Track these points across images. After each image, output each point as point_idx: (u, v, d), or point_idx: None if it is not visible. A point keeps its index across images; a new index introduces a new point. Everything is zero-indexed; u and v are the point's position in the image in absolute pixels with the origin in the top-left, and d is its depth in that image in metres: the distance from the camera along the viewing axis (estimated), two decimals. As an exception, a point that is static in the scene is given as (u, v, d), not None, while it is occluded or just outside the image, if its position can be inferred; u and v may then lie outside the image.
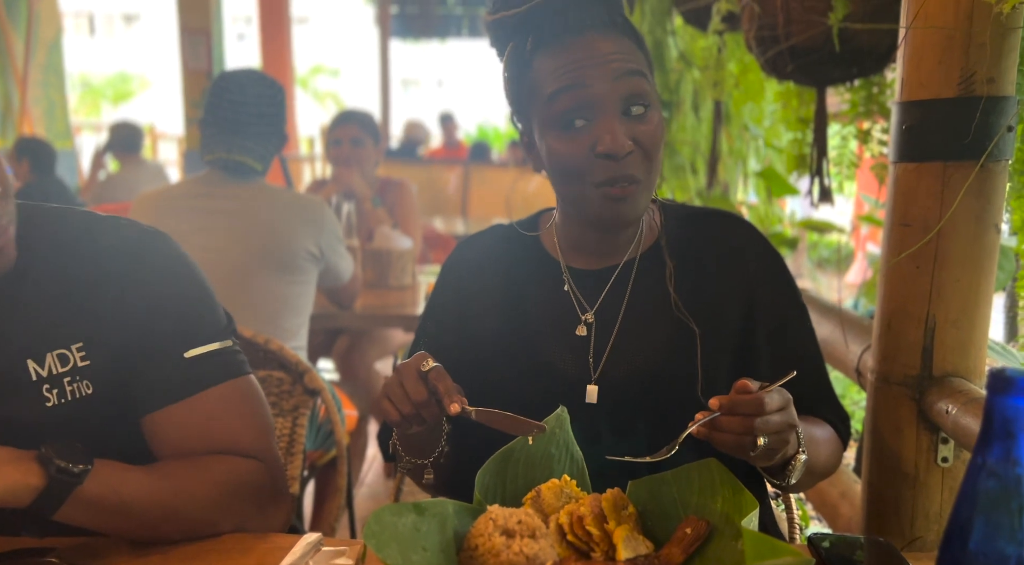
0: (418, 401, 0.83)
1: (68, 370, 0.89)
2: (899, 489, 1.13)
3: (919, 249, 1.09)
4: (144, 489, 0.84)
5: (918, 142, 1.08)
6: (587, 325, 1.01)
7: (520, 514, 0.81)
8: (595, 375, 1.00)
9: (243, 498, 0.92)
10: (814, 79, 1.66)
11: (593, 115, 0.92)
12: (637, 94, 0.92)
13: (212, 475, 0.90)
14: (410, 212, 2.93)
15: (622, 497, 0.87)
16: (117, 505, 0.82)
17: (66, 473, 0.77)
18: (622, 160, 0.91)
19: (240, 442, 0.94)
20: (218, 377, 0.94)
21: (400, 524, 0.77)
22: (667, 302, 1.00)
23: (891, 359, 1.13)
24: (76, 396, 0.89)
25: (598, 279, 1.03)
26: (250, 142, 1.87)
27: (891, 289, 1.13)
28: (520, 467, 0.91)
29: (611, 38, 0.93)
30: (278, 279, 1.85)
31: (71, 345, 0.89)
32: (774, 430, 0.78)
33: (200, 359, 0.93)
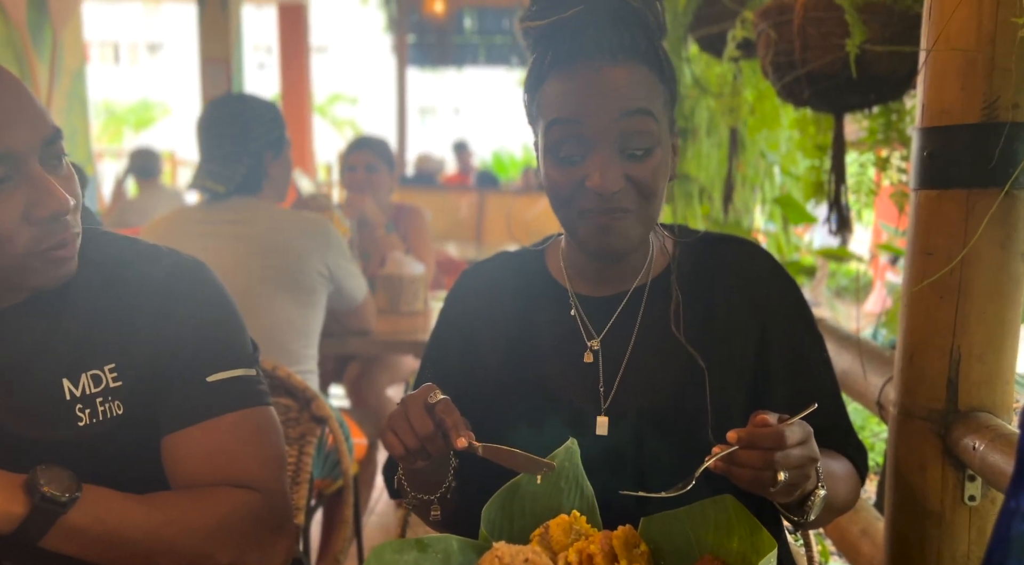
0: (424, 435, 0.80)
1: (101, 390, 0.90)
2: (924, 528, 1.09)
3: (942, 279, 1.06)
4: (135, 519, 0.82)
5: (940, 169, 1.05)
6: (594, 352, 0.98)
7: (527, 552, 0.78)
8: (604, 405, 0.97)
9: (241, 530, 0.89)
10: (831, 106, 1.64)
11: (588, 151, 0.90)
12: (638, 134, 0.89)
13: (208, 506, 0.88)
14: (423, 238, 2.92)
15: (634, 535, 0.83)
16: (104, 534, 0.79)
17: (51, 502, 0.75)
18: (612, 196, 0.89)
19: (247, 472, 0.92)
20: (235, 404, 0.93)
21: (402, 561, 0.74)
22: (679, 333, 0.97)
23: (914, 392, 1.09)
24: (107, 416, 0.90)
25: (606, 306, 1.01)
26: (214, 165, 1.88)
27: (913, 320, 1.10)
28: (528, 502, 0.88)
29: (626, 67, 0.90)
30: (285, 301, 1.83)
31: (104, 366, 0.90)
32: (795, 464, 0.75)
33: (221, 384, 0.93)
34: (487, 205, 6.45)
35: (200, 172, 1.92)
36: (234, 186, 1.87)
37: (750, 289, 1.00)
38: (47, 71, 5.65)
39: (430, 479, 0.91)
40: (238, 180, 1.87)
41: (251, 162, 1.90)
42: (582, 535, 0.83)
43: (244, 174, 1.88)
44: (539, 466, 0.81)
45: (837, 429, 1.00)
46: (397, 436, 0.81)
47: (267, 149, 1.93)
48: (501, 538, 0.84)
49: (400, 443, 0.81)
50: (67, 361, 0.89)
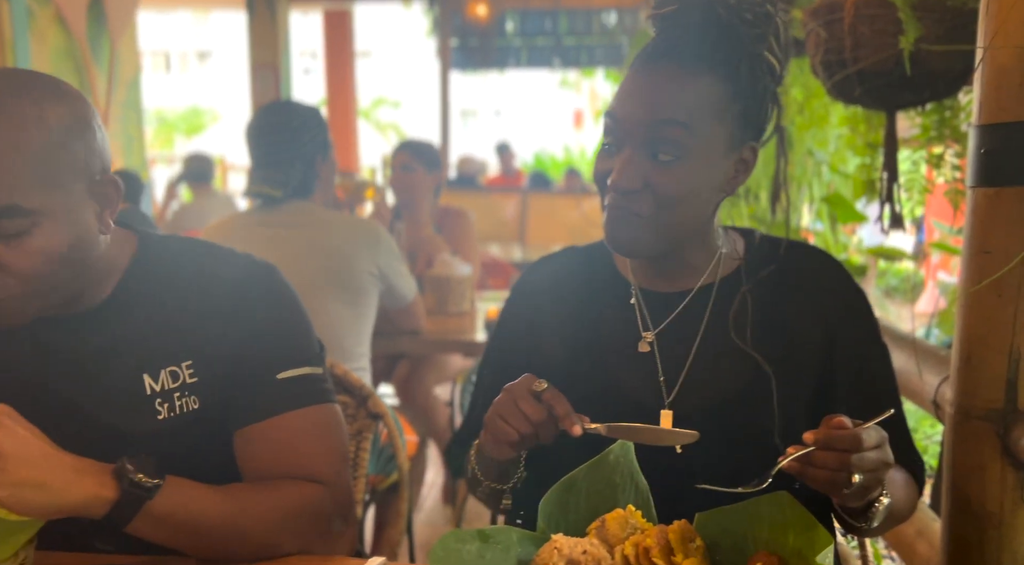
0: (537, 421, 0.84)
1: (178, 386, 0.95)
2: (982, 529, 1.07)
3: (1001, 278, 1.04)
4: (212, 507, 0.86)
5: (998, 166, 1.04)
6: (649, 343, 1.00)
7: (585, 544, 0.80)
8: (668, 399, 0.98)
9: (308, 522, 0.93)
10: (884, 103, 1.62)
11: (619, 146, 0.93)
12: (667, 141, 0.90)
13: (279, 498, 0.92)
14: (469, 240, 2.96)
15: (690, 529, 0.85)
16: (186, 521, 0.84)
17: (139, 487, 0.80)
18: (626, 195, 0.91)
19: (313, 465, 0.96)
20: (304, 400, 0.97)
21: (465, 551, 0.77)
22: (744, 335, 0.98)
23: (972, 393, 1.08)
24: (184, 410, 0.95)
25: (667, 301, 1.02)
26: (270, 171, 1.95)
27: (971, 320, 1.09)
28: (583, 496, 0.90)
29: (686, 74, 0.90)
30: (340, 301, 1.89)
31: (182, 363, 0.95)
32: (870, 468, 0.76)
33: (290, 381, 0.97)
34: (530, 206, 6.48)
35: (255, 178, 1.98)
36: (290, 190, 1.94)
37: (818, 297, 1.00)
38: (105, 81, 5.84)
39: (505, 470, 0.93)
40: (294, 184, 1.94)
41: (303, 166, 1.97)
42: (638, 529, 0.85)
43: (299, 179, 1.94)
44: (677, 437, 0.85)
45: (898, 440, 0.97)
46: (509, 424, 0.84)
47: (317, 153, 2.00)
48: (558, 531, 0.86)
49: (514, 430, 0.84)
50: (147, 358, 0.94)
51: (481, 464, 0.95)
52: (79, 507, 0.79)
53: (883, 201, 1.79)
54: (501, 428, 0.85)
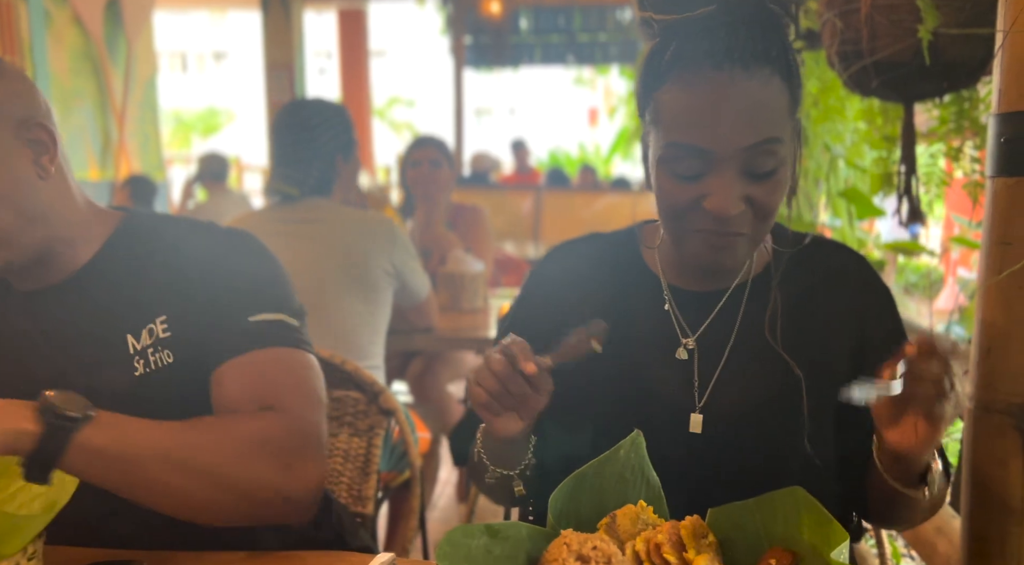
0: (499, 372, 0.82)
1: (152, 342, 0.97)
2: (1004, 526, 1.05)
3: (1021, 269, 1.02)
4: (149, 439, 0.84)
5: (1018, 155, 1.01)
6: (688, 350, 0.97)
7: (595, 540, 0.79)
8: (700, 403, 0.96)
9: (258, 449, 0.90)
10: (901, 95, 1.60)
11: (708, 170, 0.86)
12: (764, 157, 0.85)
13: (228, 428, 0.90)
14: (483, 236, 2.95)
15: (701, 525, 0.83)
16: (121, 455, 0.82)
17: (64, 418, 0.79)
18: (730, 219, 0.86)
19: (276, 397, 0.95)
20: (275, 341, 0.98)
21: (473, 546, 0.76)
22: (776, 337, 0.96)
23: (992, 386, 1.06)
24: (159, 365, 0.97)
25: (703, 302, 0.99)
26: (288, 169, 1.97)
27: (991, 312, 1.06)
28: (594, 492, 0.89)
29: (756, 78, 0.84)
30: (355, 298, 1.89)
31: (156, 318, 0.97)
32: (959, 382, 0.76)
33: (263, 323, 0.98)
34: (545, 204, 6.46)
35: (274, 176, 2.01)
36: (308, 189, 1.95)
37: (847, 295, 0.99)
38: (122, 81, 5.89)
39: (510, 453, 0.92)
40: (311, 183, 1.95)
41: (322, 165, 1.98)
42: (649, 525, 0.84)
43: (317, 177, 1.95)
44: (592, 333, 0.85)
45: None
46: (480, 385, 0.83)
47: (338, 152, 2.01)
48: (568, 527, 0.85)
49: (483, 390, 0.83)
50: (129, 319, 0.97)
51: (487, 447, 0.93)
52: (3, 444, 0.77)
53: (901, 195, 1.77)
54: (474, 392, 0.84)
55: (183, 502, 0.87)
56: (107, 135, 5.74)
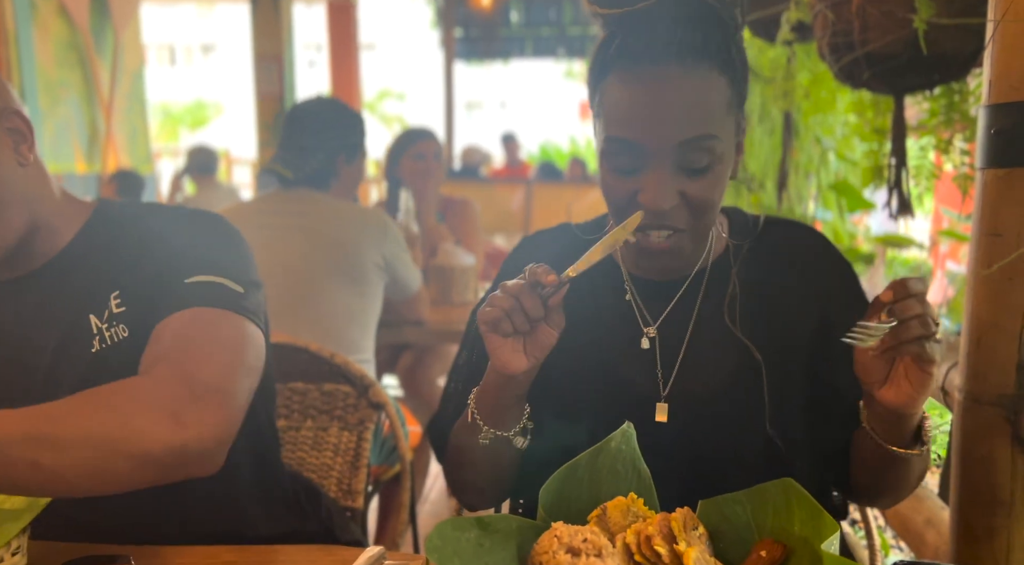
0: (515, 288, 0.83)
1: (107, 318, 0.97)
2: (992, 517, 1.06)
3: (1011, 261, 1.02)
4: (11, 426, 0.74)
5: (1009, 146, 1.01)
6: (650, 339, 0.98)
7: (586, 532, 0.79)
8: (664, 392, 0.96)
9: (130, 402, 0.81)
10: (892, 87, 1.60)
11: (643, 166, 0.87)
12: (699, 153, 0.86)
13: (100, 392, 0.82)
14: (472, 230, 2.94)
15: (692, 517, 0.83)
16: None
17: None
18: (663, 213, 0.88)
19: (181, 356, 0.87)
20: (207, 302, 0.93)
21: (463, 539, 0.75)
22: (735, 321, 0.96)
23: (982, 378, 1.06)
24: (115, 340, 0.97)
25: (663, 291, 1.00)
26: (289, 154, 1.98)
27: (981, 303, 1.07)
28: (585, 484, 0.89)
29: (695, 74, 0.84)
30: (344, 291, 1.88)
31: (110, 295, 0.98)
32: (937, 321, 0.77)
33: (196, 285, 0.95)
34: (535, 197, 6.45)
35: (273, 158, 2.02)
36: (302, 176, 1.95)
37: (806, 274, 0.99)
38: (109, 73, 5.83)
39: (508, 406, 0.90)
40: (308, 172, 1.95)
41: (323, 158, 1.99)
42: (639, 517, 0.83)
43: (315, 168, 1.95)
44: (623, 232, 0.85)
45: None
46: (492, 304, 0.83)
47: (341, 151, 2.02)
48: (559, 519, 0.85)
49: (495, 309, 0.83)
50: (93, 300, 0.97)
51: (481, 407, 0.91)
52: None
53: (891, 187, 1.77)
54: (484, 312, 0.83)
55: (56, 479, 0.76)
56: (94, 127, 5.69)
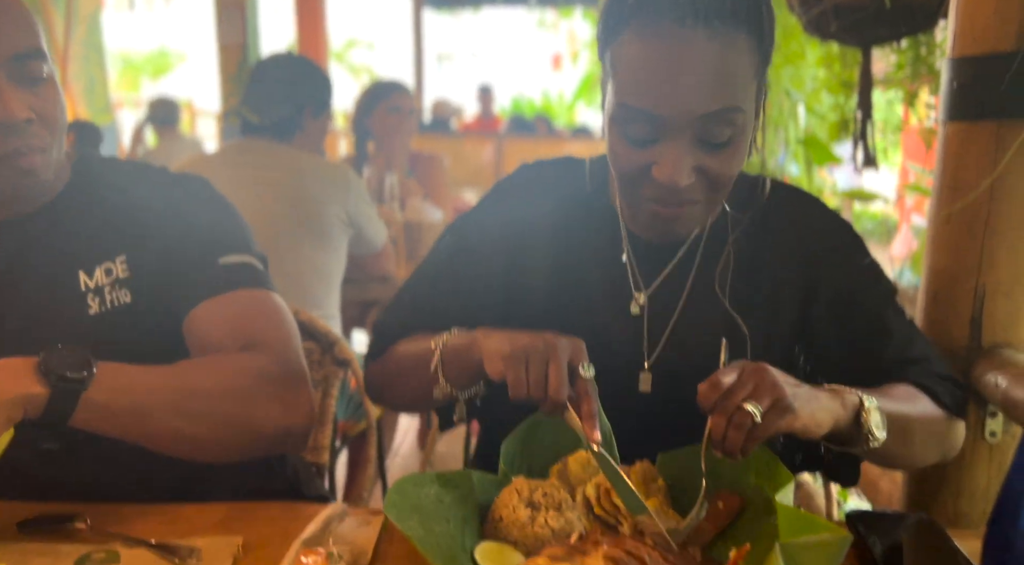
0: (555, 402, 0.74)
1: (111, 281, 0.96)
2: (943, 466, 1.08)
3: (969, 213, 1.03)
4: (152, 388, 0.85)
5: (971, 100, 1.02)
6: (640, 306, 0.95)
7: (546, 486, 0.79)
8: (650, 361, 0.95)
9: (255, 387, 0.91)
10: (860, 39, 1.59)
11: (659, 137, 0.81)
12: (721, 126, 0.79)
13: (221, 367, 0.91)
14: (441, 185, 2.91)
15: (651, 470, 0.84)
16: (128, 408, 0.82)
17: (68, 381, 0.78)
18: (679, 189, 0.82)
19: (263, 338, 0.96)
20: (249, 282, 0.99)
21: (422, 495, 0.76)
22: (727, 292, 0.94)
23: (938, 331, 1.08)
24: (115, 305, 0.96)
25: (659, 255, 0.96)
26: (256, 100, 1.97)
27: (938, 257, 1.08)
28: (546, 438, 0.89)
29: (721, 38, 0.77)
30: (307, 246, 1.85)
31: (115, 258, 0.97)
32: (751, 396, 0.72)
33: (233, 266, 0.99)
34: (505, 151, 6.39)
35: (240, 104, 1.99)
36: (268, 122, 1.91)
37: (803, 241, 0.95)
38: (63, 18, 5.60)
39: (470, 380, 0.88)
40: (274, 118, 1.92)
41: (290, 109, 1.96)
42: (600, 470, 0.84)
43: (281, 116, 1.92)
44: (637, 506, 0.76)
45: (906, 362, 0.93)
46: (527, 381, 0.74)
47: (309, 104, 2.00)
48: (520, 473, 0.85)
49: (526, 388, 0.74)
50: (82, 256, 0.96)
51: (447, 364, 0.87)
52: (14, 413, 0.76)
53: (856, 140, 1.77)
54: (518, 378, 0.74)
55: (192, 444, 0.88)
56: (49, 77, 5.48)
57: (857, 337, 0.93)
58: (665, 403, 0.93)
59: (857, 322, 0.94)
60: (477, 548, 0.73)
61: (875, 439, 0.79)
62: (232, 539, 0.80)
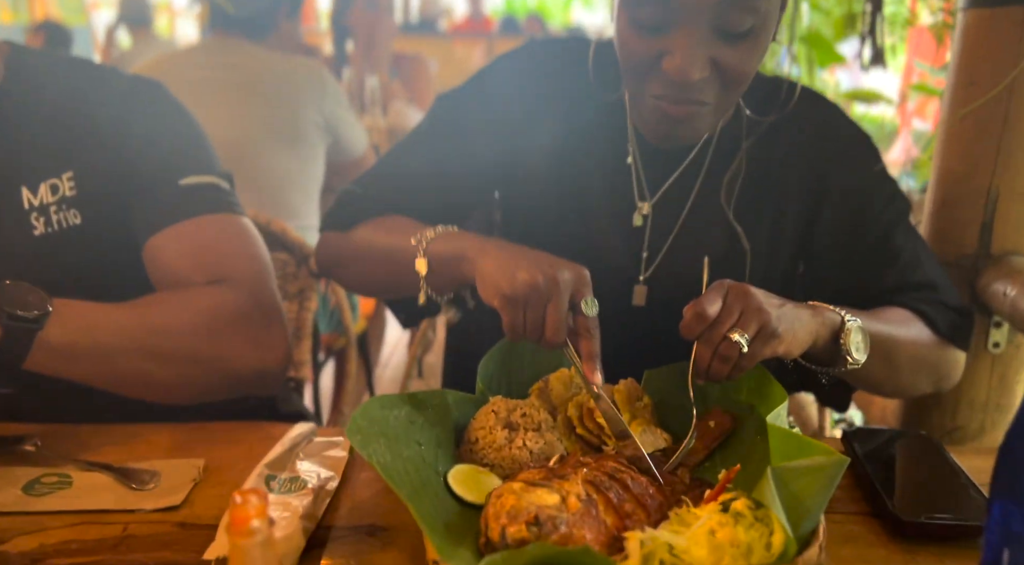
0: (551, 343, 0.68)
1: (56, 200, 0.88)
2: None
3: (986, 111, 0.96)
4: (116, 327, 0.78)
5: (996, -18, 0.92)
6: (643, 216, 0.88)
7: (525, 406, 0.75)
8: (646, 274, 0.89)
9: (225, 324, 0.85)
10: (873, -81, 1.46)
11: (672, 23, 0.72)
12: (741, 11, 0.71)
13: (188, 304, 0.85)
14: (427, 88, 2.78)
15: (636, 388, 0.80)
16: (90, 350, 0.77)
17: (19, 320, 0.72)
18: (691, 84, 0.74)
19: (234, 271, 0.89)
20: (214, 207, 0.91)
21: (392, 417, 0.71)
22: (731, 202, 0.87)
23: (945, 236, 1.02)
24: (63, 226, 0.88)
25: (666, 159, 0.88)
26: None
27: (950, 158, 1.01)
28: (527, 356, 0.84)
29: None
30: (282, 153, 1.76)
31: (62, 174, 0.88)
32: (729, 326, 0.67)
33: (195, 188, 0.91)
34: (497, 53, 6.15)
35: None
36: (244, 12, 1.79)
37: (817, 150, 0.88)
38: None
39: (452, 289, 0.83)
40: (249, 10, 1.80)
41: (266, 5, 1.85)
42: (582, 389, 0.80)
43: (256, 9, 1.81)
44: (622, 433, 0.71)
45: (916, 289, 0.88)
46: (525, 321, 0.69)
47: (285, 3, 1.90)
48: (499, 393, 0.81)
49: (523, 331, 0.69)
50: (24, 171, 0.87)
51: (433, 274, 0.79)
52: None
53: (864, 35, 1.66)
54: (514, 319, 0.69)
55: (159, 388, 0.83)
56: (14, -25, 5.19)
57: (862, 255, 0.88)
58: (659, 318, 0.87)
59: (864, 239, 0.88)
60: (450, 472, 0.69)
61: (853, 361, 0.75)
62: (193, 462, 0.76)
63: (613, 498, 0.60)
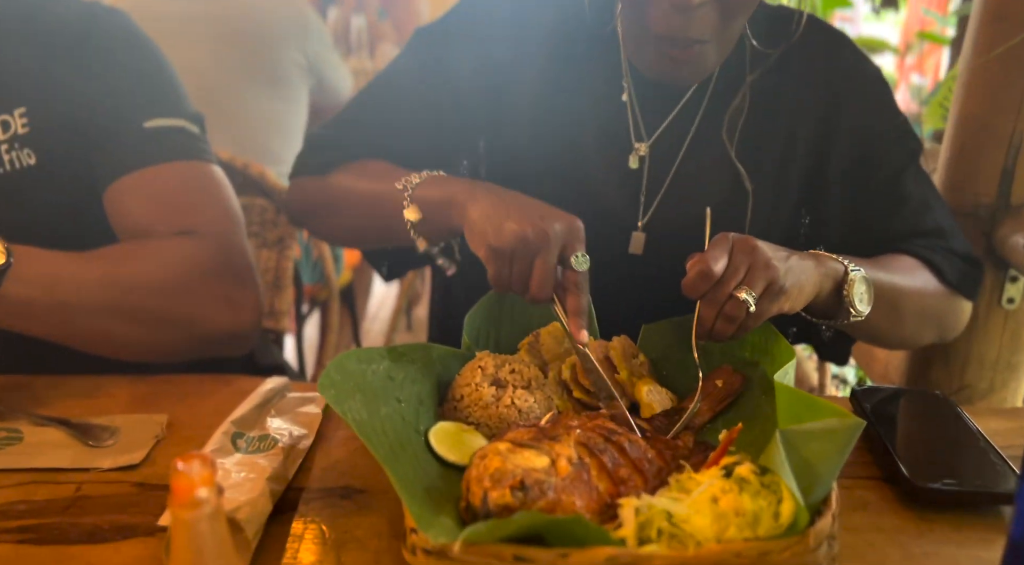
0: (536, 298, 0.65)
1: (8, 137, 0.82)
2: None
3: (1011, 53, 0.89)
4: (78, 282, 0.73)
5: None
6: (640, 157, 0.82)
7: (514, 362, 0.70)
8: (644, 220, 0.83)
9: (198, 282, 0.80)
10: None
11: None
12: None
13: (158, 256, 0.79)
14: (418, 27, 2.68)
15: (631, 345, 0.74)
16: (51, 305, 0.72)
17: None
18: (690, 13, 0.69)
19: (202, 223, 0.84)
20: (181, 153, 0.85)
21: (369, 371, 0.65)
22: (735, 135, 0.81)
23: (961, 185, 0.96)
24: (16, 166, 0.82)
25: (664, 96, 0.82)
26: None
27: (971, 101, 0.94)
28: (517, 308, 0.79)
29: None
30: (261, 95, 1.67)
31: (13, 110, 0.82)
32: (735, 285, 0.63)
33: (161, 131, 0.85)
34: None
35: None
36: None
37: (826, 85, 0.82)
38: None
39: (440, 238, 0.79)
40: None
41: None
42: (577, 347, 0.74)
43: None
44: None
45: (924, 236, 0.83)
46: (511, 272, 0.65)
47: None
48: (487, 348, 0.76)
49: (508, 284, 0.66)
50: None
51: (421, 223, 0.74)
52: None
53: (877, -26, 1.58)
54: (499, 271, 0.65)
55: (125, 347, 0.79)
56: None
57: (869, 198, 0.83)
58: (658, 267, 0.82)
59: (872, 182, 0.83)
60: (432, 429, 0.64)
61: (857, 313, 0.71)
62: (156, 417, 0.71)
63: (607, 462, 0.56)
